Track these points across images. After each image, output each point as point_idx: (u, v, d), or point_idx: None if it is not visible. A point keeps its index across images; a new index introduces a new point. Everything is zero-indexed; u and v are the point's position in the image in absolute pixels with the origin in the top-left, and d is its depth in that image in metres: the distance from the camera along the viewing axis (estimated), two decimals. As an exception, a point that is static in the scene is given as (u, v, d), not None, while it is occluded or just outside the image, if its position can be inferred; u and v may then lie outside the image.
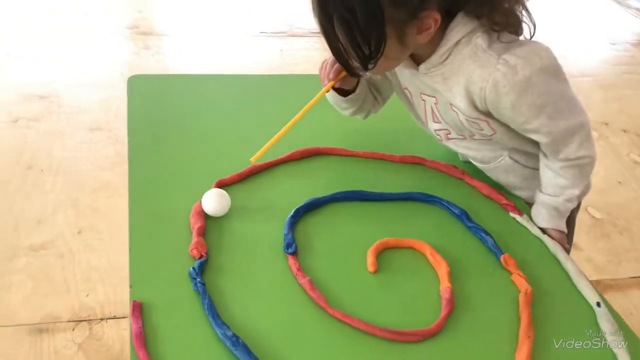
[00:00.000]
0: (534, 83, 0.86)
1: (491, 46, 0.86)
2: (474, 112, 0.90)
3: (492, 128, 0.93)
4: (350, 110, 1.06)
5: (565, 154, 0.93)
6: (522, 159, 1.01)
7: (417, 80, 0.95)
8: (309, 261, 0.83)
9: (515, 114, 0.88)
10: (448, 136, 1.01)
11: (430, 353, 0.73)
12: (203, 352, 0.69)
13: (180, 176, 0.97)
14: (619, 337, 0.77)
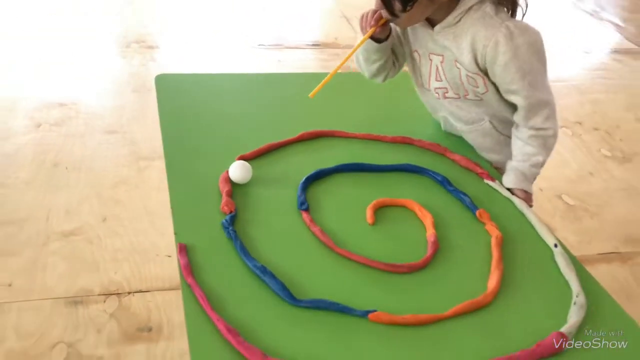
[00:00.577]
0: (524, 51, 1.08)
1: (497, 14, 1.09)
2: (475, 67, 1.12)
3: (485, 85, 1.14)
4: (377, 63, 1.24)
5: (534, 122, 1.14)
6: (499, 126, 1.22)
7: (429, 41, 1.16)
8: (319, 216, 1.02)
9: (505, 72, 1.09)
10: (445, 94, 1.21)
11: (418, 282, 0.92)
12: (238, 280, 0.87)
13: (208, 153, 1.15)
14: (572, 270, 0.96)
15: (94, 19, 3.28)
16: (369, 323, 0.82)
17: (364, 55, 1.25)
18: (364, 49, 1.23)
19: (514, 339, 0.83)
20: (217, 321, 0.78)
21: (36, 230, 1.74)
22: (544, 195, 2.12)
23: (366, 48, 1.22)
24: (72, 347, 1.41)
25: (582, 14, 4.14)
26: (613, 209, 2.09)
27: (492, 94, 1.16)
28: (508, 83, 1.11)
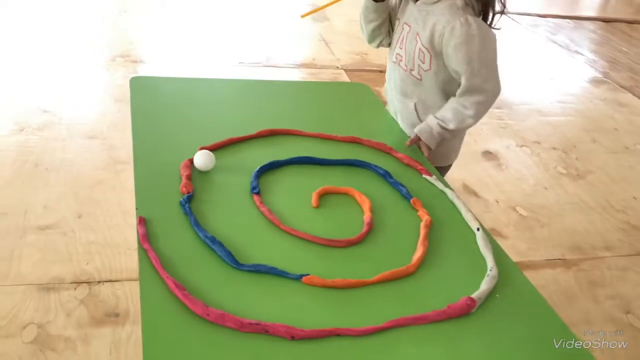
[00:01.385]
0: (475, 42, 1.28)
1: (463, 8, 1.31)
2: (429, 43, 1.34)
3: (430, 64, 1.36)
4: (373, 24, 1.45)
5: (465, 100, 1.34)
6: (421, 111, 1.43)
7: (408, 12, 1.39)
8: (268, 199, 1.13)
9: (455, 54, 1.30)
10: (400, 62, 1.43)
11: (351, 255, 1.03)
12: (190, 247, 0.98)
13: (173, 144, 1.26)
14: (490, 249, 1.08)
15: (82, 34, 3.41)
16: (303, 285, 0.94)
17: (363, 13, 1.45)
18: (365, 6, 1.44)
19: (429, 303, 0.94)
20: (167, 279, 0.89)
21: (14, 224, 1.84)
22: (499, 207, 2.25)
23: (366, 5, 1.43)
24: (41, 327, 1.50)
25: (553, 45, 4.34)
26: (563, 220, 2.22)
27: (431, 76, 1.38)
28: (455, 64, 1.32)
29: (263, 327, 0.84)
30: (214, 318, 0.84)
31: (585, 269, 1.98)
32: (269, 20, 4.00)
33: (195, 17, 3.96)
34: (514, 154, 2.67)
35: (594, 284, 1.92)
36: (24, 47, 3.12)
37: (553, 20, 4.95)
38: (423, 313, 0.91)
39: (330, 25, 4.04)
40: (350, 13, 4.28)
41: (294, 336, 0.84)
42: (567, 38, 4.50)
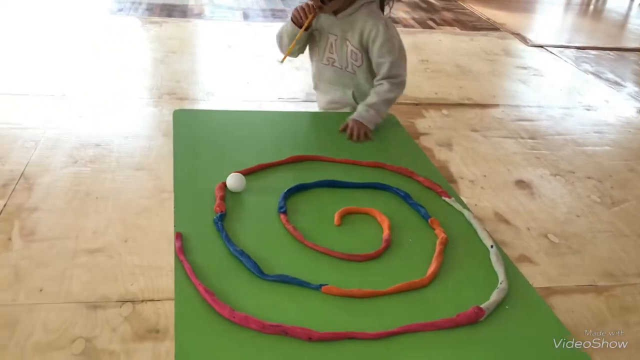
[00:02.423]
0: (394, 41, 1.70)
1: (379, 12, 1.71)
2: (359, 45, 1.71)
3: (362, 60, 1.73)
4: (299, 45, 1.74)
5: (385, 86, 1.71)
6: (358, 96, 1.78)
7: (331, 25, 1.72)
8: (294, 218, 1.22)
9: (380, 50, 1.69)
10: (333, 63, 1.76)
11: (369, 268, 1.10)
12: (220, 259, 1.08)
13: (210, 169, 1.37)
14: (502, 264, 1.13)
15: (134, 74, 3.63)
16: (322, 294, 1.02)
17: (287, 41, 1.74)
18: (291, 33, 1.71)
19: (440, 311, 1.00)
20: (198, 285, 0.99)
21: (66, 247, 1.98)
22: (530, 234, 2.28)
23: (291, 34, 1.71)
24: (89, 341, 1.62)
25: (592, 77, 4.35)
26: (595, 248, 2.23)
27: (363, 70, 1.75)
28: (379, 57, 1.70)
29: (283, 329, 0.92)
30: (238, 320, 0.93)
31: (617, 295, 1.98)
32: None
33: (236, 58, 4.15)
34: (547, 182, 2.69)
35: (626, 310, 1.92)
36: (84, 87, 3.34)
37: (594, 52, 4.96)
38: (433, 320, 0.98)
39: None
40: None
41: (312, 338, 0.91)
42: (608, 70, 4.50)
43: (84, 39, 4.20)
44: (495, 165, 2.80)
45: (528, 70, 4.33)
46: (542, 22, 6.04)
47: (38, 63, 3.64)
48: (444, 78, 3.97)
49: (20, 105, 3.03)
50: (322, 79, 1.85)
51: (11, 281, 1.81)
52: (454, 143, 3.00)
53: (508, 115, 3.44)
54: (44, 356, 1.56)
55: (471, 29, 5.33)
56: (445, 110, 3.42)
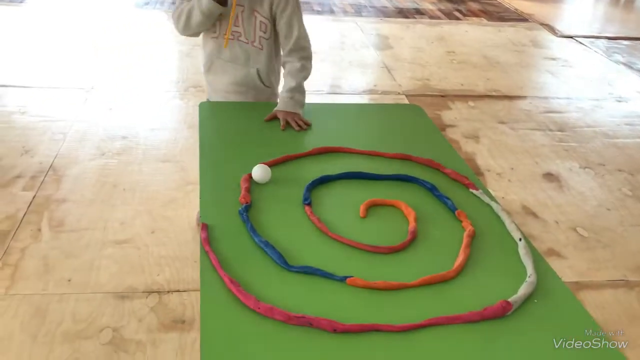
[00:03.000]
0: (299, 12, 1.66)
1: None
2: (268, 14, 1.63)
3: (270, 33, 1.65)
4: (211, 22, 1.63)
5: (293, 58, 1.66)
6: (262, 74, 1.71)
7: None
8: (319, 209, 1.22)
9: (289, 21, 1.63)
10: (239, 37, 1.65)
11: (395, 260, 1.09)
12: (246, 250, 1.08)
13: (235, 160, 1.37)
14: (530, 257, 1.11)
15: (160, 68, 3.66)
16: (347, 286, 1.01)
17: (202, 19, 1.60)
18: (210, 14, 1.59)
19: (468, 305, 0.99)
20: (224, 276, 0.99)
21: (94, 238, 2.01)
22: (559, 227, 2.24)
23: (212, 13, 1.59)
24: (116, 331, 1.64)
25: (624, 67, 4.25)
26: (626, 242, 2.18)
27: (270, 44, 1.67)
28: (289, 27, 1.64)
29: (308, 320, 0.91)
30: (263, 311, 0.93)
31: (648, 291, 1.94)
32: (332, 50, 4.13)
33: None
34: (576, 175, 2.64)
35: (658, 306, 1.88)
36: (111, 81, 3.38)
37: (626, 43, 4.85)
38: (459, 314, 0.96)
39: (393, 53, 4.13)
40: (413, 42, 4.38)
41: (336, 329, 0.91)
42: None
43: (111, 32, 4.24)
44: (523, 158, 2.76)
45: (557, 61, 4.25)
46: (571, 12, 5.92)
47: (67, 57, 3.69)
48: (470, 69, 3.92)
49: (50, 98, 3.07)
50: (221, 57, 1.69)
51: (41, 272, 1.84)
52: (480, 135, 2.96)
53: (536, 107, 3.38)
54: (72, 345, 1.59)
55: (498, 20, 5.25)
56: (471, 102, 3.37)
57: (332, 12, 5.07)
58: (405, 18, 5.10)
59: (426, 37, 4.58)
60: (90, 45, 3.94)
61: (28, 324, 1.65)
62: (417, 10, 5.39)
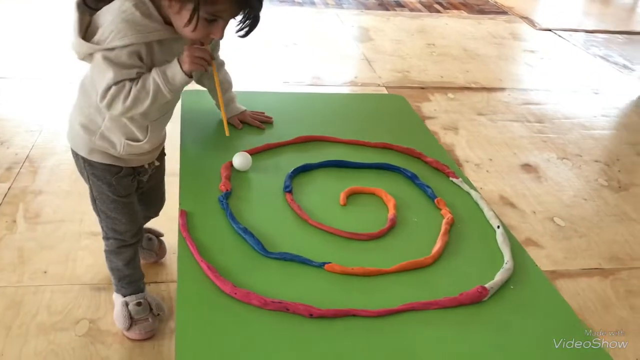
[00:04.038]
0: None
1: None
2: None
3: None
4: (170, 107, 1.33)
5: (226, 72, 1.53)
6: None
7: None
8: (300, 197, 1.21)
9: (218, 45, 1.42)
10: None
11: (373, 247, 1.09)
12: (224, 237, 1.07)
13: (216, 148, 1.37)
14: (507, 245, 1.12)
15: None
16: (325, 272, 1.01)
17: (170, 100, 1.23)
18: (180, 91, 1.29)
19: (445, 291, 0.99)
20: (201, 262, 0.98)
21: (71, 230, 1.98)
22: (536, 217, 2.26)
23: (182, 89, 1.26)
24: (93, 323, 1.62)
25: (601, 60, 4.30)
26: (602, 231, 2.21)
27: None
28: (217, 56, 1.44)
29: (284, 305, 0.91)
30: (240, 296, 0.92)
31: (622, 279, 1.97)
32: (312, 42, 4.12)
33: (244, 42, 4.12)
34: (554, 166, 2.67)
35: (631, 293, 1.90)
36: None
37: (603, 36, 4.90)
38: (435, 299, 0.97)
39: (374, 45, 4.13)
40: (394, 34, 4.38)
41: (312, 314, 0.91)
42: (617, 53, 4.45)
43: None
44: (502, 149, 2.78)
45: (536, 53, 4.29)
46: (550, 6, 5.96)
47: (47, 49, 3.63)
48: (450, 62, 3.93)
49: (27, 90, 3.02)
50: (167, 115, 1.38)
51: (16, 263, 1.81)
52: (460, 127, 2.98)
53: (515, 99, 3.40)
54: (47, 337, 1.57)
55: (478, 13, 5.28)
56: (451, 94, 3.39)
57: (313, 3, 5.05)
58: (386, 10, 5.10)
59: (406, 29, 4.59)
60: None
61: (2, 315, 1.62)
62: (397, 2, 5.39)
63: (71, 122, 1.33)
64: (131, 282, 1.55)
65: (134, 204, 1.45)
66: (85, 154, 1.33)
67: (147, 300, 1.59)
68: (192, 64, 1.16)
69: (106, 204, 1.40)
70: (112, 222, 1.43)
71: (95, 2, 1.17)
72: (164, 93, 1.17)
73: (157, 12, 1.15)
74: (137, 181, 1.42)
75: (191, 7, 1.09)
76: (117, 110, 1.18)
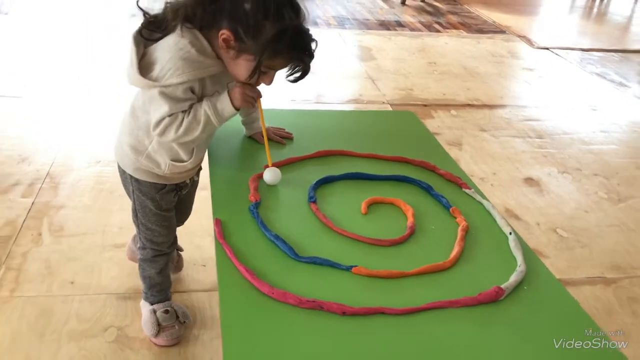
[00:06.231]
0: None
1: None
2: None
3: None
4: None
5: None
6: None
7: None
8: (324, 207, 1.30)
9: None
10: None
11: (395, 252, 1.18)
12: (257, 243, 1.15)
13: (243, 162, 1.46)
14: (520, 249, 1.20)
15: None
16: (352, 275, 1.09)
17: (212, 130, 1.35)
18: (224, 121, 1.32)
19: (463, 291, 1.08)
20: (239, 266, 1.07)
21: (94, 242, 2.06)
22: (540, 229, 2.35)
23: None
24: (121, 330, 1.69)
25: (597, 78, 4.42)
26: (603, 241, 2.30)
27: None
28: None
29: (319, 304, 0.99)
30: (277, 296, 1.00)
31: (624, 286, 2.05)
32: (317, 61, 4.23)
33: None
34: (555, 180, 2.77)
35: (633, 300, 1.99)
36: (103, 90, 3.43)
37: (599, 54, 5.03)
38: (456, 298, 1.05)
39: (376, 64, 4.25)
40: (395, 53, 4.50)
41: (345, 312, 0.99)
42: (613, 71, 4.57)
43: (105, 40, 4.29)
44: (504, 164, 2.88)
45: (534, 71, 4.41)
46: (547, 25, 6.11)
47: (59, 66, 3.73)
48: (451, 80, 4.05)
49: (42, 109, 3.12)
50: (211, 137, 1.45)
51: (44, 274, 1.89)
52: (463, 142, 3.08)
53: (515, 115, 3.51)
54: (78, 343, 1.64)
55: (477, 32, 5.41)
56: (454, 111, 3.49)
57: (316, 24, 5.18)
58: (387, 30, 5.23)
59: (407, 48, 4.71)
60: (85, 55, 3.98)
61: (34, 324, 1.69)
62: (398, 22, 5.52)
63: (119, 142, 1.42)
64: (161, 290, 1.63)
65: (172, 217, 1.53)
66: (131, 172, 1.41)
67: (173, 308, 1.66)
68: (243, 102, 1.27)
69: (148, 217, 1.49)
70: (151, 234, 1.52)
71: (149, 32, 1.26)
72: (213, 123, 1.27)
73: (210, 48, 1.23)
74: (177, 196, 1.50)
75: (252, 61, 1.19)
76: (169, 138, 1.27)
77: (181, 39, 1.20)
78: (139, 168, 1.40)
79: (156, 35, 1.25)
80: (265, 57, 1.18)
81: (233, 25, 1.17)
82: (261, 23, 1.16)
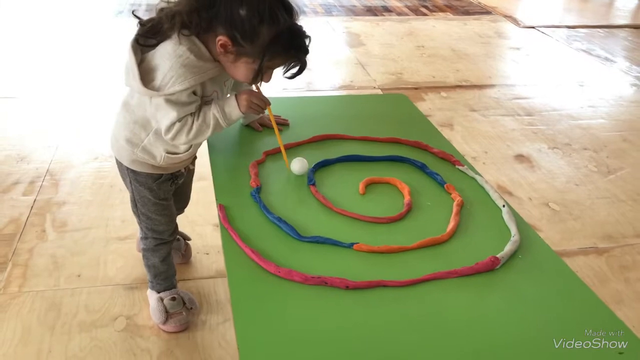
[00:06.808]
0: None
1: None
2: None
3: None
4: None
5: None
6: None
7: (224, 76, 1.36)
8: (323, 189, 1.34)
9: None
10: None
11: (394, 229, 1.23)
12: (261, 226, 1.20)
13: (242, 149, 1.50)
14: (513, 221, 1.26)
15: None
16: (353, 252, 1.14)
17: (217, 132, 1.35)
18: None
19: (461, 262, 1.13)
20: (245, 247, 1.11)
21: (98, 236, 2.10)
22: (532, 204, 2.41)
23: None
24: (129, 319, 1.74)
25: (584, 54, 4.47)
26: (594, 213, 2.36)
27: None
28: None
29: (323, 280, 1.04)
30: (283, 274, 1.05)
31: (616, 255, 2.11)
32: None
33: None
34: (545, 155, 2.82)
35: (625, 268, 2.05)
36: (100, 86, 3.45)
37: (584, 31, 5.08)
38: (454, 269, 1.10)
39: (365, 50, 4.28)
40: (384, 38, 4.53)
41: (348, 286, 1.04)
42: (598, 47, 4.63)
43: (93, 41, 4.30)
44: (495, 142, 2.93)
45: (521, 50, 4.45)
46: (532, 4, 6.15)
47: (55, 68, 3.74)
48: (440, 62, 4.09)
49: (39, 108, 3.14)
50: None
51: (51, 269, 1.93)
52: (454, 123, 3.13)
53: (504, 94, 3.56)
54: (89, 334, 1.69)
55: (463, 14, 5.45)
56: (444, 93, 3.54)
57: (303, 12, 5.19)
58: (374, 16, 5.26)
59: (396, 33, 4.75)
60: (72, 54, 4.00)
61: (44, 317, 1.74)
62: (385, 7, 5.55)
63: (115, 136, 1.45)
64: (166, 278, 1.67)
65: (171, 205, 1.57)
66: (128, 164, 1.45)
67: (180, 295, 1.71)
68: (249, 109, 1.34)
69: (147, 207, 1.53)
70: (152, 223, 1.56)
71: (145, 39, 1.28)
72: (221, 125, 1.33)
73: (208, 53, 1.27)
74: (174, 184, 1.54)
75: (250, 63, 1.24)
76: (181, 141, 1.33)
77: (179, 46, 1.23)
78: (135, 160, 1.44)
79: (152, 41, 1.28)
80: (265, 60, 1.23)
81: (230, 31, 1.21)
82: (257, 28, 1.20)
